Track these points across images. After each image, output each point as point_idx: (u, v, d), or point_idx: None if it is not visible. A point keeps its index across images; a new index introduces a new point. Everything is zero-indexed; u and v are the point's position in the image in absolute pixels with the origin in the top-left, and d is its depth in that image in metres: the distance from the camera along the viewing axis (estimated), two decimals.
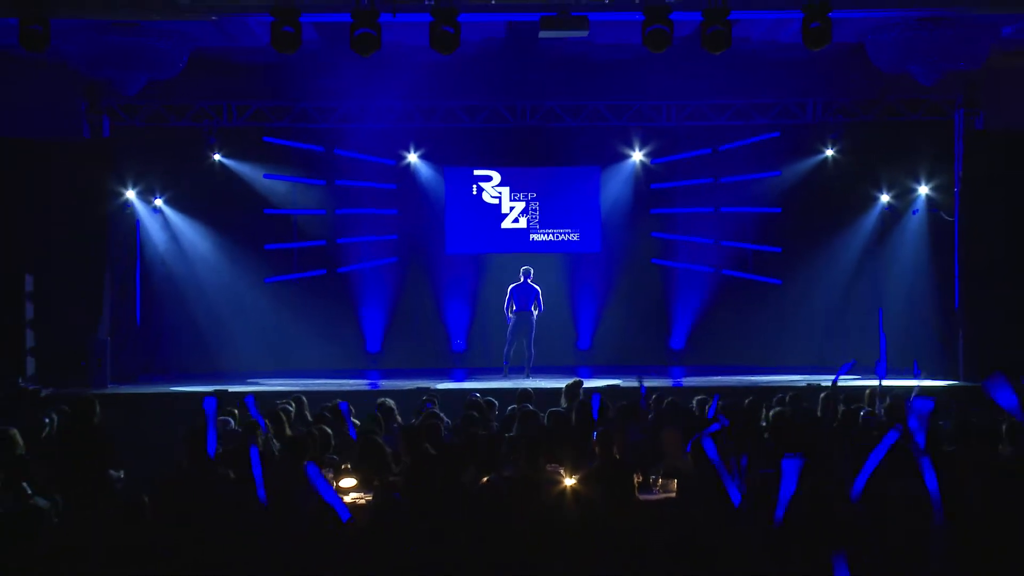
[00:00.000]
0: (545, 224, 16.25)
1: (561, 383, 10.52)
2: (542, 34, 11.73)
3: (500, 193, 16.24)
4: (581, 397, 9.48)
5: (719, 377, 13.76)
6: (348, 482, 7.12)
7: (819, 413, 8.94)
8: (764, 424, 8.55)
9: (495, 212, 16.26)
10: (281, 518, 5.29)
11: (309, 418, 9.14)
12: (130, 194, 15.15)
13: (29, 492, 6.16)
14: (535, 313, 14.81)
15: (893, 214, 15.75)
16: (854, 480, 4.98)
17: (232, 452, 6.97)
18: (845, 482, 5.10)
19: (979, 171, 14.44)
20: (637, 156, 15.97)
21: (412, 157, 15.91)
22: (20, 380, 12.85)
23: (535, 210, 16.25)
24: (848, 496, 5.05)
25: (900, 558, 4.78)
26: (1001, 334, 13.85)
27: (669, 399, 9.59)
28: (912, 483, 5.14)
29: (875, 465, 4.90)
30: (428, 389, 11.78)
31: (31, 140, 14.26)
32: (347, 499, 6.27)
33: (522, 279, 14.89)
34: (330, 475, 6.89)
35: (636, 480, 6.82)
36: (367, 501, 6.37)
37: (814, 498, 5.08)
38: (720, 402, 8.67)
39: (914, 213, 15.49)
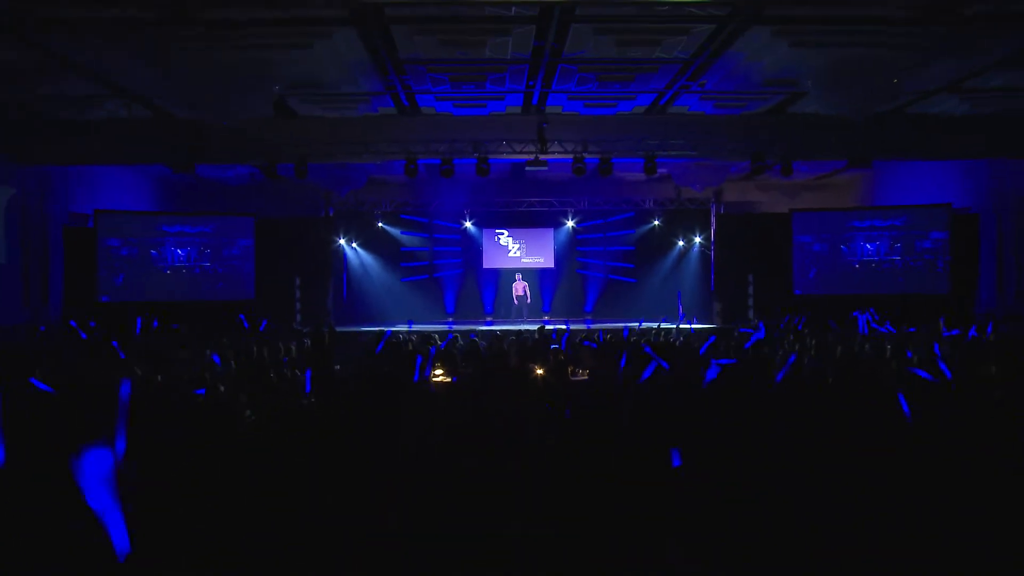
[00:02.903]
0: (528, 255, 16.00)
1: (535, 326, 10.46)
2: (527, 169, 11.74)
3: (508, 241, 16.04)
4: (544, 333, 9.43)
5: (608, 324, 13.60)
6: (438, 372, 7.06)
7: (652, 338, 8.90)
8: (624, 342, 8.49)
9: (506, 249, 16.04)
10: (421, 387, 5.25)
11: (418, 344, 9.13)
12: (342, 241, 15.07)
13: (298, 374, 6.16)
14: (527, 298, 15.05)
15: (684, 250, 15.60)
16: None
17: (392, 352, 7.00)
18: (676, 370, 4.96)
19: (721, 231, 14.38)
20: (570, 223, 15.72)
21: (468, 224, 15.70)
22: (294, 324, 12.90)
23: (523, 248, 16.02)
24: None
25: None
26: (731, 304, 13.86)
27: (584, 334, 9.55)
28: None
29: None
30: (474, 330, 11.72)
31: (298, 217, 14.25)
32: (436, 380, 6.19)
33: (517, 278, 15.14)
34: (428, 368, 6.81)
35: (569, 370, 6.76)
36: (446, 380, 6.31)
37: (665, 378, 4.86)
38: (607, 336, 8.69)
39: (694, 250, 15.40)
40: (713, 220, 14.73)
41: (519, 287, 15.22)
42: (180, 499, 2.13)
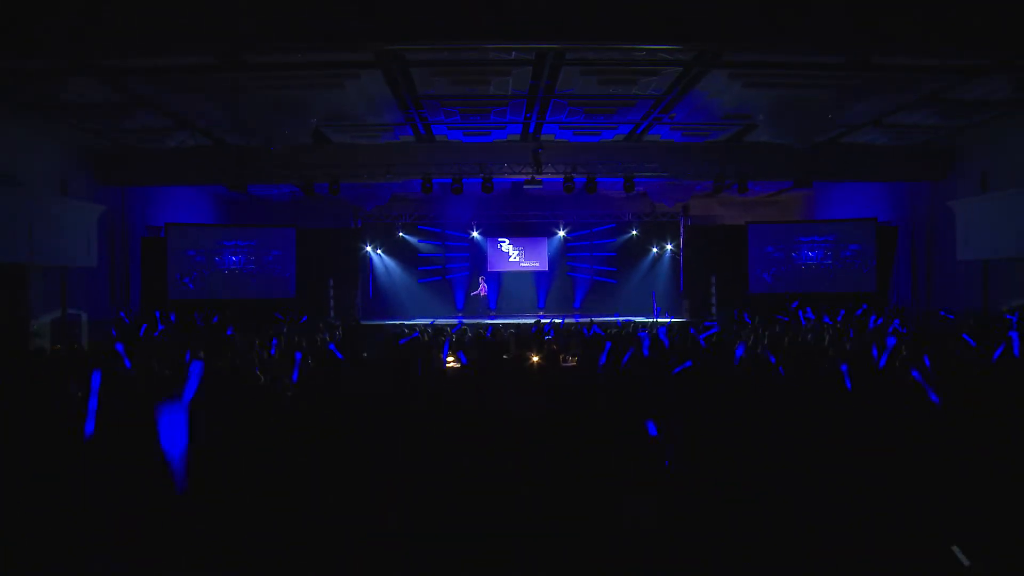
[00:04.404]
0: (527, 260, 15.93)
1: (531, 320, 10.41)
2: (525, 187, 11.73)
3: (509, 248, 15.93)
4: (539, 325, 9.30)
5: (593, 318, 13.57)
6: (451, 358, 6.98)
7: (630, 331, 8.87)
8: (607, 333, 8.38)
9: (507, 255, 15.97)
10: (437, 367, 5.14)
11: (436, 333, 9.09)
12: (368, 248, 15.01)
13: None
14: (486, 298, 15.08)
15: (658, 256, 15.51)
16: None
17: (415, 342, 6.93)
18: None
19: (688, 240, 14.35)
20: (561, 233, 15.67)
21: (475, 233, 15.65)
22: (327, 317, 12.85)
23: (522, 254, 15.96)
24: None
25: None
26: (697, 301, 13.81)
27: (573, 326, 9.51)
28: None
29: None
30: (481, 323, 11.63)
31: (331, 228, 14.19)
32: (450, 365, 6.11)
33: (482, 280, 15.13)
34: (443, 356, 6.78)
35: (560, 358, 6.66)
36: (458, 365, 6.22)
37: (640, 360, 4.83)
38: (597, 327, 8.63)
39: (666, 256, 15.34)
40: (682, 230, 14.75)
41: (483, 288, 15.30)
42: (231, 460, 2.14)
